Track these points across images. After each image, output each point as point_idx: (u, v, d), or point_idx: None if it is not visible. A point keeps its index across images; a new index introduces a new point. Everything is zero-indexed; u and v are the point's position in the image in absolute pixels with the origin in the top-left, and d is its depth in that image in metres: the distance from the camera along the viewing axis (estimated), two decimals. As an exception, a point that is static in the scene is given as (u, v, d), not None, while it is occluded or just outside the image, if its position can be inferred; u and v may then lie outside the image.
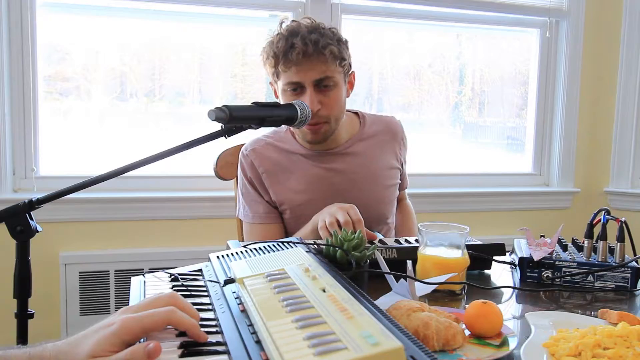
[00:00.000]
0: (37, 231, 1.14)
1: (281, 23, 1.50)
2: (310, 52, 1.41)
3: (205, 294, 0.89)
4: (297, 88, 1.47)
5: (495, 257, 1.28)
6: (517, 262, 1.24)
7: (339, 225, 1.30)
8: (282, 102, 1.52)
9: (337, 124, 1.53)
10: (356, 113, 1.70)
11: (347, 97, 1.58)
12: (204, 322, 0.76)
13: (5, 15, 2.07)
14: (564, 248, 1.30)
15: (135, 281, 0.99)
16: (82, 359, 0.62)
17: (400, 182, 1.73)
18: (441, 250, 1.10)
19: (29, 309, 1.17)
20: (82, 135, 2.31)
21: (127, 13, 2.31)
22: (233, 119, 1.16)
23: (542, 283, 1.19)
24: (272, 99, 1.50)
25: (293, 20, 1.50)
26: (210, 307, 0.82)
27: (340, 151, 1.60)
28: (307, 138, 1.54)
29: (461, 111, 2.87)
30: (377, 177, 1.63)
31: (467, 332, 0.86)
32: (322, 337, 0.57)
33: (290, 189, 1.56)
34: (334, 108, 1.49)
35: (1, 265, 1.89)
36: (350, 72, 1.57)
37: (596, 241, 1.21)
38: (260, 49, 1.55)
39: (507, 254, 1.36)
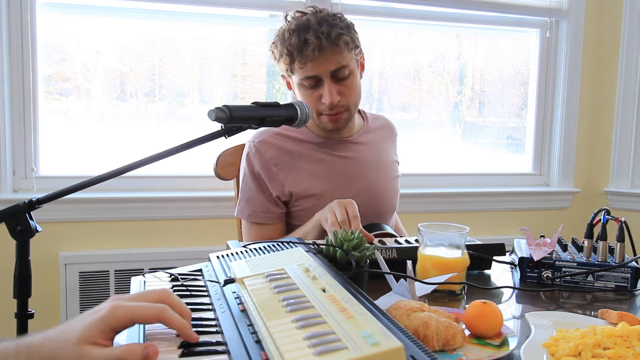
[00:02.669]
0: (37, 231, 1.14)
1: (286, 16, 1.49)
2: (325, 45, 1.42)
3: (205, 294, 0.89)
4: (313, 81, 1.48)
5: (495, 257, 1.28)
6: (517, 262, 1.24)
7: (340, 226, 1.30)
8: (298, 96, 1.54)
9: (356, 109, 1.57)
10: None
11: (361, 78, 1.60)
12: (204, 322, 0.76)
13: (5, 15, 2.07)
14: (564, 248, 1.30)
15: (135, 281, 0.99)
16: (71, 344, 0.61)
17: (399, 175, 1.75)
18: (441, 250, 1.10)
19: (29, 309, 1.17)
20: (82, 135, 2.31)
21: (127, 13, 2.31)
22: (233, 119, 1.16)
23: (542, 283, 1.19)
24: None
25: (297, 11, 1.49)
26: (210, 307, 0.82)
27: (351, 140, 1.62)
28: (329, 127, 1.55)
29: (461, 111, 2.87)
30: (384, 167, 1.66)
31: (467, 332, 0.86)
32: (322, 337, 0.57)
33: (305, 178, 1.54)
34: (352, 95, 1.52)
35: (1, 265, 1.89)
36: (361, 55, 1.59)
37: (596, 241, 1.21)
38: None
39: (507, 254, 1.36)
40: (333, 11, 1.53)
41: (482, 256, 1.26)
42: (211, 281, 0.91)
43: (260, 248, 1.04)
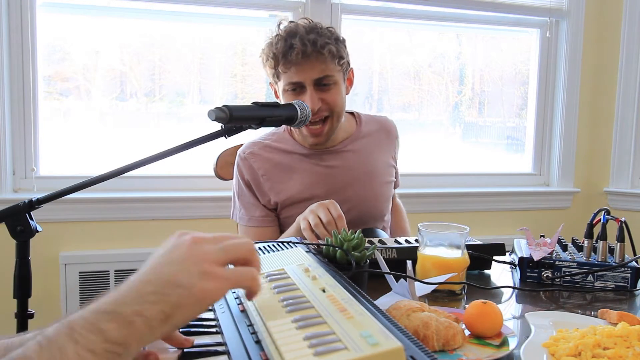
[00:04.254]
0: (37, 231, 1.14)
1: (279, 24, 1.51)
2: (309, 52, 1.43)
3: (205, 294, 0.89)
4: (297, 88, 1.48)
5: (495, 257, 1.28)
6: (517, 262, 1.24)
7: (324, 226, 1.28)
8: (283, 102, 1.52)
9: (338, 121, 1.55)
10: (352, 113, 1.72)
11: (347, 94, 1.59)
12: (204, 322, 0.76)
13: (5, 15, 2.07)
14: (564, 248, 1.30)
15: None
16: (193, 279, 0.54)
17: (395, 180, 1.75)
18: (441, 250, 1.10)
19: (29, 309, 1.17)
20: (82, 135, 2.31)
21: (127, 13, 2.31)
22: (233, 119, 1.16)
23: (542, 283, 1.19)
24: (272, 98, 1.50)
25: (291, 21, 1.51)
26: (209, 307, 0.82)
27: (338, 149, 1.61)
28: (310, 141, 1.55)
29: (461, 111, 2.87)
30: (374, 174, 1.64)
31: (467, 332, 0.86)
32: (322, 337, 0.57)
33: (292, 188, 1.56)
34: (335, 105, 1.50)
35: (1, 265, 1.89)
36: (348, 69, 1.58)
37: (596, 241, 1.21)
38: (260, 50, 1.56)
39: (507, 254, 1.36)
40: (327, 25, 1.53)
41: (482, 256, 1.26)
42: (211, 281, 0.91)
43: (260, 248, 1.04)
